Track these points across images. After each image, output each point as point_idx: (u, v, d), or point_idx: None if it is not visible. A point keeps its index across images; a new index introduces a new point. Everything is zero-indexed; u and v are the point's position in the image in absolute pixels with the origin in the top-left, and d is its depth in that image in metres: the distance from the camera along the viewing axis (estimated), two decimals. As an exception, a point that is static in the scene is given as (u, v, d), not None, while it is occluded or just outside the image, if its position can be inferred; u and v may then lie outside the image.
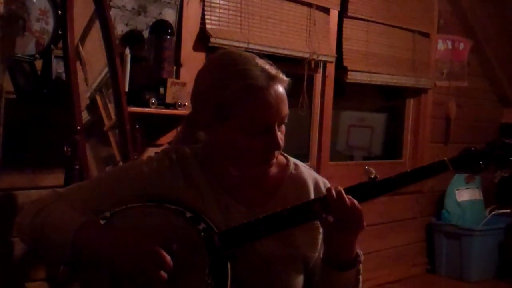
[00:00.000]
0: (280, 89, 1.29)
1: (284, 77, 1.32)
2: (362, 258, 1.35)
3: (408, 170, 1.33)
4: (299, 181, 1.43)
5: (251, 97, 1.26)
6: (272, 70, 1.30)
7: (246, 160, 1.32)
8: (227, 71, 1.29)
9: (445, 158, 1.33)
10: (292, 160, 1.47)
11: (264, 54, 1.36)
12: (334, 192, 1.27)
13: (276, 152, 1.32)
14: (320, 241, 1.40)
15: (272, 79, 1.28)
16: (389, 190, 1.30)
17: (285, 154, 1.47)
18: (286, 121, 1.33)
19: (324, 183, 1.46)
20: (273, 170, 1.41)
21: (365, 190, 1.30)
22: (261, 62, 1.31)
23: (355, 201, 1.26)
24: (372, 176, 1.30)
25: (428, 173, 1.33)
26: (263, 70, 1.29)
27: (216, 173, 1.38)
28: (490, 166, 1.32)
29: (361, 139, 4.30)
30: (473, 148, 1.34)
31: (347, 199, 1.25)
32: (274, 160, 1.34)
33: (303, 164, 1.48)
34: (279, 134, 1.30)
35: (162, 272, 1.20)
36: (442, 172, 1.32)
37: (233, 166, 1.36)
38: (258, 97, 1.26)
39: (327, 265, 1.33)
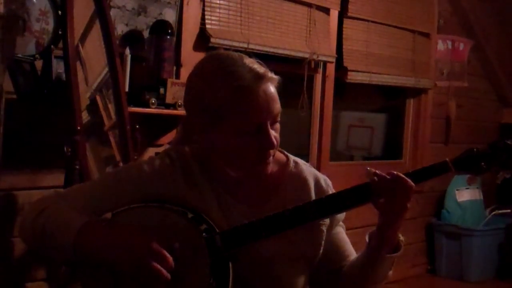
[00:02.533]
0: (270, 87, 1.28)
1: (273, 75, 1.30)
2: (402, 238, 1.37)
3: (410, 171, 1.32)
4: (300, 179, 1.42)
5: (240, 99, 1.25)
6: (261, 69, 1.29)
7: (241, 161, 1.31)
8: (215, 75, 1.29)
9: (447, 159, 1.32)
10: (292, 158, 1.46)
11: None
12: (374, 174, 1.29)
13: (272, 151, 1.31)
14: (322, 240, 1.40)
15: (261, 78, 1.27)
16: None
17: (285, 152, 1.47)
18: (279, 119, 1.32)
19: (325, 180, 1.46)
20: (273, 168, 1.40)
21: (367, 191, 1.30)
22: (249, 61, 1.30)
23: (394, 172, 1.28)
24: (373, 177, 1.29)
25: (430, 174, 1.32)
26: (251, 70, 1.28)
27: (215, 173, 1.38)
28: (492, 167, 1.32)
29: (361, 139, 4.30)
30: (475, 149, 1.33)
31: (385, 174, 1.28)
32: (271, 159, 1.33)
33: (303, 162, 1.47)
34: (272, 132, 1.29)
35: (165, 272, 1.20)
36: (444, 173, 1.31)
37: (230, 168, 1.35)
38: (247, 98, 1.25)
39: (376, 252, 1.34)
